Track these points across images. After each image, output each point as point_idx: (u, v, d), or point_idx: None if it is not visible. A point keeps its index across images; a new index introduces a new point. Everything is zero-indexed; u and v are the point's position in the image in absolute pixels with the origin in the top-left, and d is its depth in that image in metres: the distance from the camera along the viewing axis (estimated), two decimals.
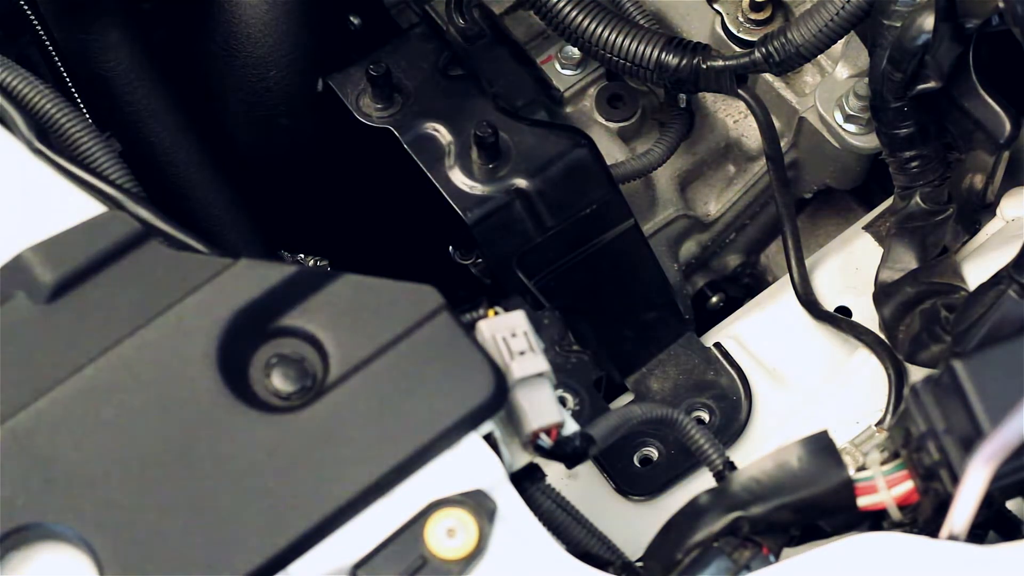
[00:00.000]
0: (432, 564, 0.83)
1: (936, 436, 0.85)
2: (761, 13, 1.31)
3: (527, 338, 0.94)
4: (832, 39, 1.12)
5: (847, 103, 1.26)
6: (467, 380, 0.87)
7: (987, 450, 0.81)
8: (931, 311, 1.11)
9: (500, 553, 0.85)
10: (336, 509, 0.83)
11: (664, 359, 1.24)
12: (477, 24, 1.33)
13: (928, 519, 0.88)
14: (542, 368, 0.94)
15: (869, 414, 1.14)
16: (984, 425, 0.82)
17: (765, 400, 1.21)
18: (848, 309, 1.24)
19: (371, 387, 0.86)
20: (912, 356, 1.13)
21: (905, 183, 1.15)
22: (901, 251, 1.17)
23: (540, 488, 0.94)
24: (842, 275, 1.27)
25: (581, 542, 0.94)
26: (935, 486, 0.86)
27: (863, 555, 0.86)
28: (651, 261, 1.25)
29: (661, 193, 1.36)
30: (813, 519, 0.92)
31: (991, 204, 1.18)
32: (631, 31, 1.19)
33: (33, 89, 1.02)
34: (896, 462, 0.89)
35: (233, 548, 0.82)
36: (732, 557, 0.89)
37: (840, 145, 1.28)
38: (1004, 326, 1.00)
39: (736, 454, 1.07)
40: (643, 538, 0.96)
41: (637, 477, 1.17)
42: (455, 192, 1.15)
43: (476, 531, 0.85)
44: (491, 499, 0.87)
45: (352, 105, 1.23)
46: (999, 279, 1.02)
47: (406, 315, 0.88)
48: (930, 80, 1.06)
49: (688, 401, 1.22)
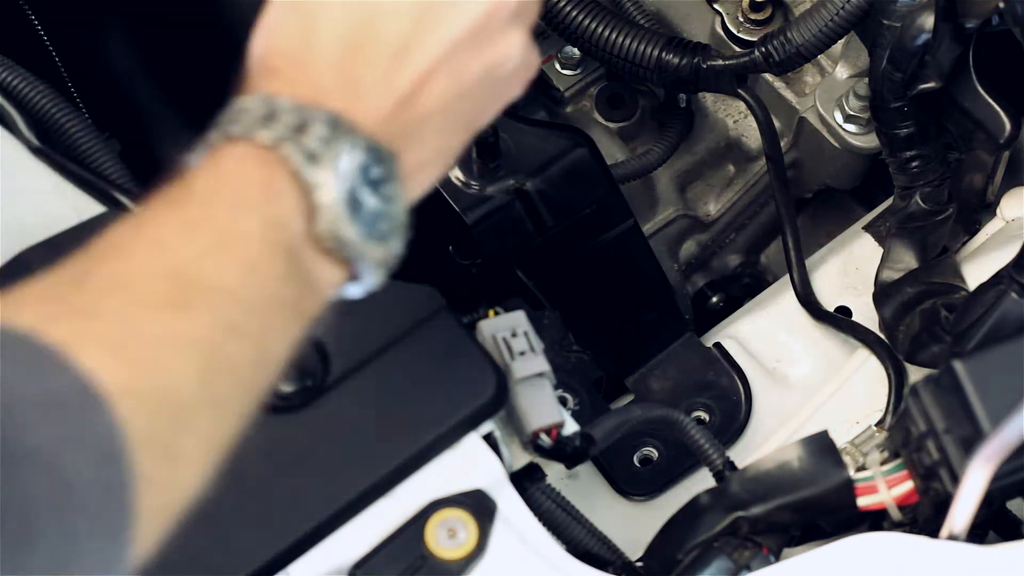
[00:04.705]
0: (432, 564, 0.83)
1: (936, 436, 0.85)
2: (761, 13, 1.31)
3: (527, 338, 0.94)
4: (832, 39, 1.12)
5: (847, 103, 1.26)
6: (467, 380, 0.87)
7: (987, 450, 0.81)
8: (931, 311, 1.11)
9: (500, 553, 0.85)
10: (336, 509, 0.83)
11: (664, 359, 1.24)
12: None
13: (928, 519, 0.88)
14: (542, 368, 0.94)
15: (869, 414, 1.14)
16: (984, 425, 0.82)
17: (765, 400, 1.21)
18: (848, 309, 1.24)
19: (371, 387, 0.86)
20: (912, 356, 1.13)
21: (905, 183, 1.15)
22: (901, 251, 1.17)
23: (540, 488, 0.94)
24: (842, 275, 1.27)
25: (581, 542, 0.94)
26: (935, 486, 0.86)
27: (863, 555, 0.86)
28: (651, 261, 1.25)
29: (661, 193, 1.36)
30: (813, 519, 0.92)
31: (991, 204, 1.18)
32: (631, 31, 1.18)
33: (33, 89, 1.02)
34: (896, 462, 0.89)
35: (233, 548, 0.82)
36: (732, 557, 0.89)
37: (840, 145, 1.28)
38: (1004, 326, 1.00)
39: (736, 454, 1.06)
40: (643, 538, 0.97)
41: (637, 477, 1.17)
42: (455, 192, 1.15)
43: (476, 531, 0.85)
44: (491, 499, 0.87)
45: None
46: (999, 279, 1.02)
47: (406, 315, 0.88)
48: (930, 80, 1.06)
49: (688, 401, 1.21)
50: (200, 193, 0.62)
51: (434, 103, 0.69)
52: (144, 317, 0.57)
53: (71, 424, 0.53)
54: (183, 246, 0.60)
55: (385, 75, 0.67)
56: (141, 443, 0.55)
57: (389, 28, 0.68)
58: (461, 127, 0.73)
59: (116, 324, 0.56)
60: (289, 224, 0.62)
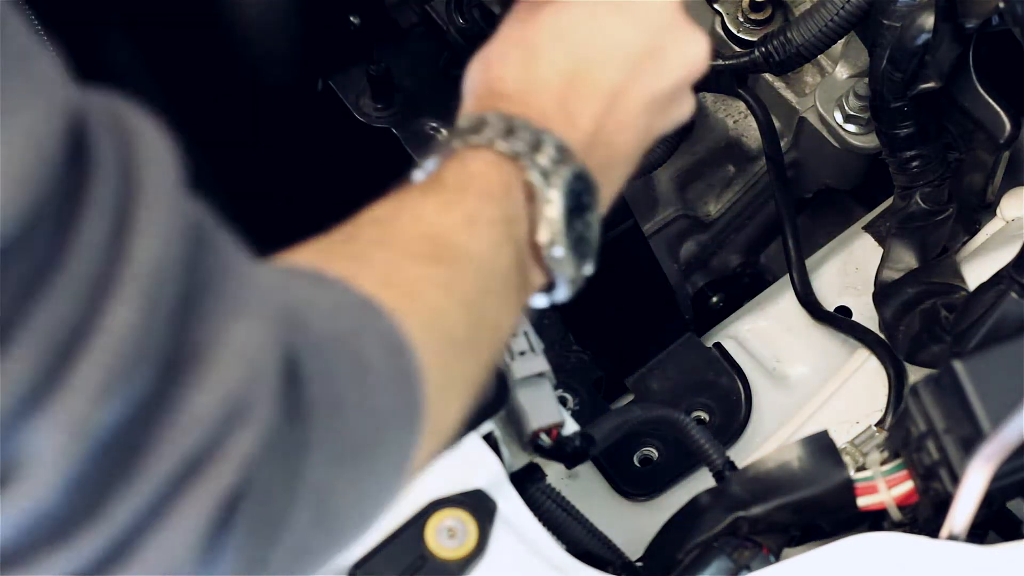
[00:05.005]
0: (432, 564, 0.83)
1: (936, 436, 0.85)
2: (761, 13, 1.31)
3: (527, 338, 0.94)
4: (832, 39, 1.12)
5: (847, 103, 1.26)
6: None
7: (987, 450, 0.81)
8: (931, 311, 1.11)
9: (500, 553, 0.85)
10: None
11: (664, 359, 1.24)
12: (477, 24, 1.33)
13: (928, 519, 0.88)
14: (542, 368, 0.94)
15: (869, 414, 1.14)
16: (984, 425, 0.82)
17: (765, 400, 1.21)
18: (848, 309, 1.24)
19: None
20: (912, 356, 1.13)
21: (905, 183, 1.15)
22: (901, 251, 1.17)
23: (540, 488, 0.94)
24: (842, 275, 1.27)
25: (581, 542, 0.94)
26: (935, 486, 0.86)
27: (863, 555, 0.86)
28: (651, 261, 1.25)
29: (661, 193, 1.36)
30: (813, 519, 0.92)
31: (991, 204, 1.18)
32: None
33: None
34: (896, 462, 0.89)
35: None
36: (732, 557, 0.89)
37: (840, 145, 1.28)
38: (1004, 326, 1.00)
39: (736, 454, 1.06)
40: (643, 538, 0.97)
41: (637, 477, 1.17)
42: None
43: (476, 531, 0.85)
44: (491, 499, 0.87)
45: (352, 105, 1.23)
46: (999, 279, 1.02)
47: None
48: (930, 80, 1.06)
49: (688, 401, 1.21)
50: (452, 183, 0.69)
51: (626, 146, 0.78)
52: (410, 265, 0.63)
53: (362, 320, 0.58)
54: (439, 219, 0.66)
55: (596, 115, 0.76)
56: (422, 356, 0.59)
57: (604, 75, 0.76)
58: (633, 167, 0.82)
59: (385, 267, 0.62)
60: (521, 224, 0.70)
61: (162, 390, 0.46)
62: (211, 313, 0.48)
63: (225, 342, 0.48)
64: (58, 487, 0.44)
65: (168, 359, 0.46)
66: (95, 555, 0.46)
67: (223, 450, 0.47)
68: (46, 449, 0.43)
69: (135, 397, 0.45)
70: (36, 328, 0.43)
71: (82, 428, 0.44)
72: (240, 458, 0.48)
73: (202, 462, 0.47)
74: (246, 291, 0.50)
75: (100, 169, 0.45)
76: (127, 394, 0.45)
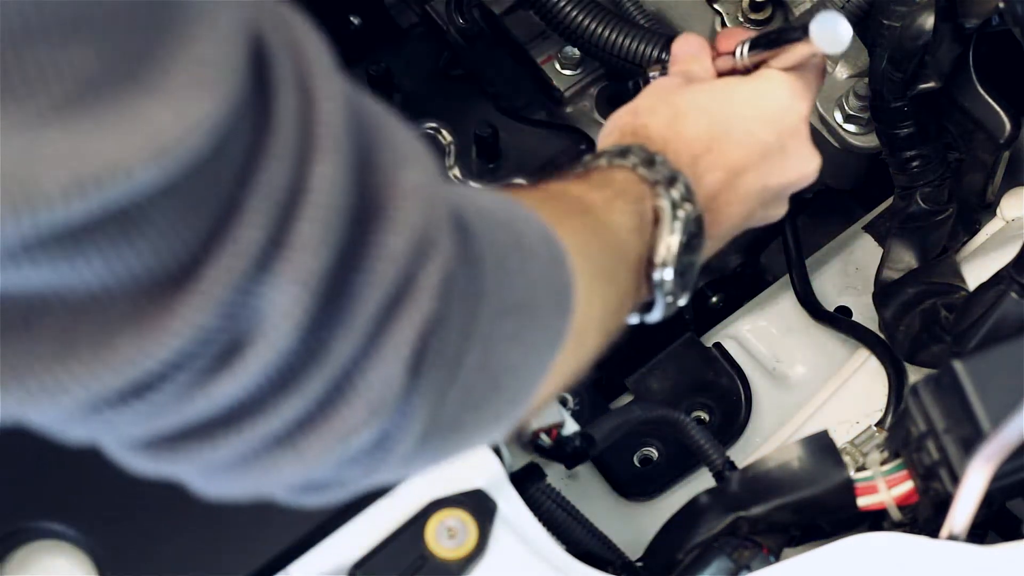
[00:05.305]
0: (432, 564, 0.83)
1: (936, 436, 0.85)
2: (761, 13, 1.31)
3: None
4: None
5: (847, 103, 1.26)
6: None
7: (987, 450, 0.81)
8: (931, 311, 1.11)
9: (500, 553, 0.85)
10: (336, 509, 0.83)
11: (664, 359, 1.24)
12: (477, 24, 1.33)
13: (928, 519, 0.88)
14: None
15: (869, 414, 1.14)
16: (984, 425, 0.83)
17: (765, 400, 1.21)
18: (848, 309, 1.24)
19: None
20: (912, 356, 1.13)
21: (905, 183, 1.15)
22: (901, 251, 1.17)
23: (540, 488, 0.94)
24: (842, 275, 1.27)
25: (581, 542, 0.94)
26: (935, 486, 0.86)
27: (863, 555, 0.86)
28: None
29: None
30: (813, 519, 0.92)
31: (991, 204, 1.18)
32: (631, 31, 1.19)
33: None
34: (896, 462, 0.89)
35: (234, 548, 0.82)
36: (732, 557, 0.89)
37: (840, 145, 1.28)
38: (1004, 326, 1.00)
39: (736, 454, 1.07)
40: (643, 538, 0.97)
41: (637, 477, 1.17)
42: None
43: (476, 531, 0.85)
44: (491, 499, 0.87)
45: None
46: (999, 279, 1.02)
47: None
48: (930, 80, 1.06)
49: (688, 401, 1.21)
50: (597, 180, 0.79)
51: (730, 220, 0.89)
52: (566, 217, 0.71)
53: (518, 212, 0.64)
54: (588, 196, 0.76)
55: (718, 183, 0.86)
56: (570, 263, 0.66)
57: (734, 153, 0.88)
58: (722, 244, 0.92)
59: (539, 206, 0.67)
60: (644, 235, 0.78)
61: (359, 235, 0.51)
62: (384, 163, 0.53)
63: (402, 186, 0.53)
64: (293, 337, 0.49)
65: (360, 207, 0.51)
66: (319, 394, 0.51)
67: (417, 283, 0.52)
68: (281, 304, 0.48)
69: (341, 244, 0.50)
70: (259, 194, 0.47)
71: (308, 279, 0.49)
72: (431, 288, 0.53)
73: (402, 296, 0.52)
74: (407, 143, 0.55)
75: (280, 52, 0.50)
76: (336, 242, 0.50)
